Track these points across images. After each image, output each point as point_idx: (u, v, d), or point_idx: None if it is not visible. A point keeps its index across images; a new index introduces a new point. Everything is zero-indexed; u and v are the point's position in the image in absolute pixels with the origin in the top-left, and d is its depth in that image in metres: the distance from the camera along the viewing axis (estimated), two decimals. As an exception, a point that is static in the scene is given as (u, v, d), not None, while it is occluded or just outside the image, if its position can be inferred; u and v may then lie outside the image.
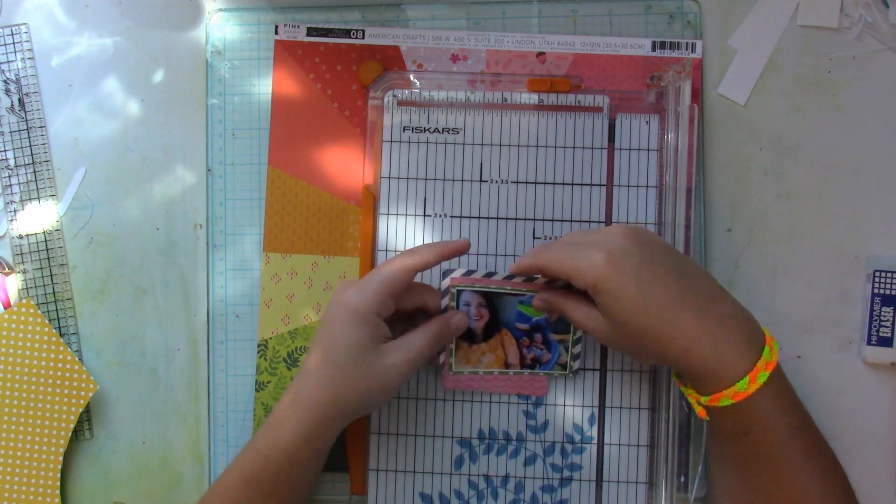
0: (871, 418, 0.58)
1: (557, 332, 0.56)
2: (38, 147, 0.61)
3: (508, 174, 0.59)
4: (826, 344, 0.59)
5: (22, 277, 0.61)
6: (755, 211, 0.59)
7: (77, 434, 0.60)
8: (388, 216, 0.59)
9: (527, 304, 0.56)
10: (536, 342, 0.56)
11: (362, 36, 0.60)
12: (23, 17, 0.62)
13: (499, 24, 0.60)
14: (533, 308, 0.55)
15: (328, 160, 0.60)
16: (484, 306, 0.56)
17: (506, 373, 0.57)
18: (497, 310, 0.56)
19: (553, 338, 0.56)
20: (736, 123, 0.60)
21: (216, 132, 0.61)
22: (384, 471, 0.58)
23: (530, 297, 0.55)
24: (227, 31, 0.61)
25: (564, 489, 0.58)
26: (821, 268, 0.59)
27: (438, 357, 0.57)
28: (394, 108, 0.59)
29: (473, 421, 0.58)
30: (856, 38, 0.59)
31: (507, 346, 0.57)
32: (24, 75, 0.61)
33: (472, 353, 0.57)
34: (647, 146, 0.58)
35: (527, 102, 0.59)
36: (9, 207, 0.61)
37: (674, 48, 0.59)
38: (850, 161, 0.59)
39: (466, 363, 0.57)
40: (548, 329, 0.56)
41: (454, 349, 0.56)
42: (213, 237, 0.61)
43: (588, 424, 0.58)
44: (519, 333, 0.56)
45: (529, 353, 0.57)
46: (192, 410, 0.61)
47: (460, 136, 0.59)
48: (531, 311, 0.56)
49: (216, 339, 0.60)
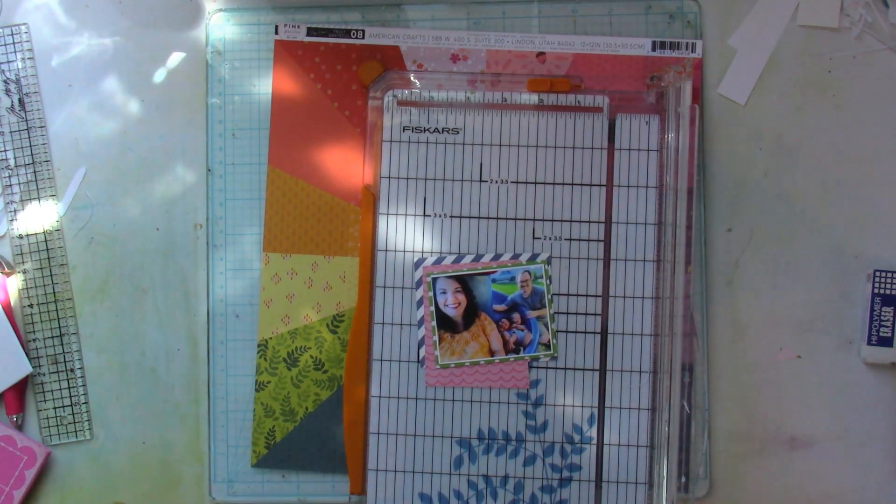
0: (871, 418, 0.58)
1: (534, 307, 0.57)
2: (38, 147, 0.61)
3: (508, 174, 0.59)
4: (826, 344, 0.59)
5: (22, 277, 0.61)
6: (755, 211, 0.59)
7: (77, 434, 0.60)
8: (388, 216, 0.59)
9: (500, 282, 0.56)
10: (516, 323, 0.57)
11: (362, 36, 0.60)
12: (23, 16, 0.62)
13: (499, 24, 0.60)
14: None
15: (328, 160, 0.60)
16: (460, 291, 0.57)
17: (492, 361, 0.57)
18: (473, 293, 0.57)
19: (530, 315, 0.57)
20: (736, 123, 0.60)
21: (216, 132, 0.61)
22: (384, 471, 0.58)
23: (502, 274, 0.56)
24: (227, 31, 0.61)
25: (564, 489, 0.58)
26: (821, 268, 0.59)
27: (419, 352, 0.57)
28: (394, 108, 0.59)
29: (473, 421, 0.58)
30: (856, 38, 0.59)
31: (488, 332, 0.57)
32: (24, 75, 0.61)
33: (456, 344, 0.57)
34: (647, 146, 0.58)
35: (527, 102, 0.59)
36: (9, 207, 0.61)
37: (674, 48, 0.59)
38: (850, 161, 0.59)
39: (452, 355, 0.57)
40: (524, 306, 0.57)
41: (437, 342, 0.57)
42: (213, 237, 0.61)
43: (588, 424, 0.58)
44: (497, 316, 0.57)
45: (511, 335, 0.57)
46: (192, 410, 0.61)
47: (460, 136, 0.59)
48: (506, 287, 0.57)
49: (216, 339, 0.60)
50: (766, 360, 0.59)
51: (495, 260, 0.57)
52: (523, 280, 0.57)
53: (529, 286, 0.57)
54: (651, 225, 0.58)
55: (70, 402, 0.60)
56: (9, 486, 0.59)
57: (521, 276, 0.57)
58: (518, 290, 0.57)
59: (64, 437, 0.60)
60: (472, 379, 0.58)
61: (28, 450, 0.59)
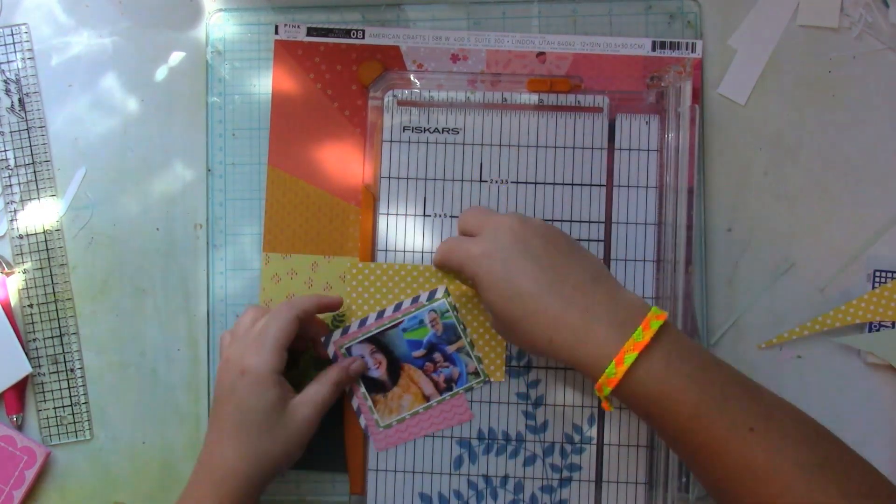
0: (871, 418, 0.58)
1: (451, 341, 0.57)
2: (38, 147, 0.61)
3: (508, 174, 0.59)
4: (826, 344, 0.59)
5: (22, 277, 0.61)
6: (755, 211, 0.59)
7: (77, 434, 0.60)
8: (388, 216, 0.59)
9: (410, 329, 0.57)
10: (439, 362, 0.57)
11: (362, 36, 0.60)
12: (23, 16, 0.62)
13: (499, 24, 0.60)
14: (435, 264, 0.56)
15: (328, 160, 0.60)
16: (377, 352, 0.57)
17: (430, 405, 0.57)
18: (390, 349, 0.57)
19: (450, 350, 0.57)
20: (736, 123, 0.60)
21: (216, 132, 0.61)
22: (383, 471, 0.58)
23: (410, 321, 0.57)
24: (227, 31, 0.61)
25: (564, 489, 0.58)
26: (821, 268, 0.59)
27: (360, 421, 0.58)
28: (394, 108, 0.59)
29: (473, 421, 0.58)
30: (856, 38, 0.59)
31: (417, 380, 0.57)
32: (24, 75, 0.61)
33: (391, 402, 0.57)
34: (647, 146, 0.58)
35: (527, 102, 0.59)
36: (9, 207, 0.61)
37: (674, 48, 0.59)
38: (850, 161, 0.59)
39: (390, 413, 0.57)
40: (441, 344, 0.57)
41: (372, 407, 0.57)
42: (213, 237, 0.61)
43: (587, 425, 0.58)
44: (419, 362, 0.57)
45: (439, 375, 0.57)
46: (192, 410, 0.61)
47: (460, 136, 0.59)
48: (418, 332, 0.57)
49: (216, 339, 0.60)
50: (766, 360, 0.59)
51: (397, 310, 0.57)
52: (432, 319, 0.57)
53: (439, 323, 0.57)
54: (651, 225, 0.58)
55: (70, 402, 0.60)
56: (9, 486, 0.59)
57: (428, 317, 0.57)
58: (430, 331, 0.57)
59: (64, 437, 0.60)
60: (418, 429, 0.58)
61: (28, 450, 0.59)
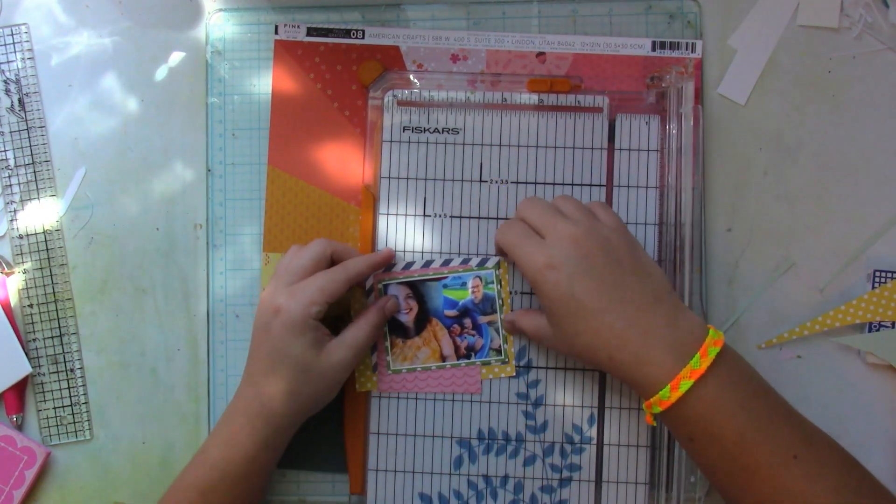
0: (871, 418, 0.58)
1: (485, 313, 0.57)
2: (38, 147, 0.61)
3: (508, 174, 0.59)
4: (826, 344, 0.59)
5: (22, 277, 0.61)
6: (755, 211, 0.59)
7: (77, 434, 0.60)
8: (388, 216, 0.59)
9: (451, 288, 0.57)
10: (467, 328, 0.57)
11: (362, 36, 0.60)
12: (23, 16, 0.62)
13: (499, 24, 0.60)
14: (506, 329, 0.57)
15: (328, 160, 0.60)
16: (411, 297, 0.57)
17: (443, 366, 0.57)
18: (424, 299, 0.57)
19: (482, 320, 0.57)
20: (736, 123, 0.60)
21: (216, 132, 0.61)
22: (383, 471, 0.58)
23: (453, 280, 0.57)
24: (227, 31, 0.61)
25: (564, 489, 0.58)
26: (821, 268, 0.59)
27: (371, 357, 0.57)
28: (394, 108, 0.59)
29: (473, 421, 0.58)
30: (856, 38, 0.59)
31: (440, 338, 0.57)
32: (24, 75, 0.61)
33: (408, 350, 0.57)
34: (647, 147, 0.58)
35: (527, 102, 0.59)
36: (9, 207, 0.61)
37: (674, 48, 0.59)
38: (850, 161, 0.59)
39: (403, 360, 0.57)
40: (475, 312, 0.57)
41: (389, 347, 0.57)
42: (212, 237, 0.61)
43: (587, 425, 0.58)
44: (449, 321, 0.57)
45: (462, 341, 0.57)
46: (192, 410, 0.61)
47: (460, 136, 0.59)
48: (457, 293, 0.57)
49: (216, 339, 0.60)
50: (766, 360, 0.59)
51: (445, 265, 0.57)
52: (474, 285, 0.57)
53: (480, 291, 0.57)
54: (651, 225, 0.58)
55: (70, 402, 0.60)
56: (9, 486, 0.59)
57: (472, 282, 0.57)
58: (469, 296, 0.57)
59: (64, 437, 0.60)
60: (424, 384, 0.58)
61: (28, 450, 0.59)
